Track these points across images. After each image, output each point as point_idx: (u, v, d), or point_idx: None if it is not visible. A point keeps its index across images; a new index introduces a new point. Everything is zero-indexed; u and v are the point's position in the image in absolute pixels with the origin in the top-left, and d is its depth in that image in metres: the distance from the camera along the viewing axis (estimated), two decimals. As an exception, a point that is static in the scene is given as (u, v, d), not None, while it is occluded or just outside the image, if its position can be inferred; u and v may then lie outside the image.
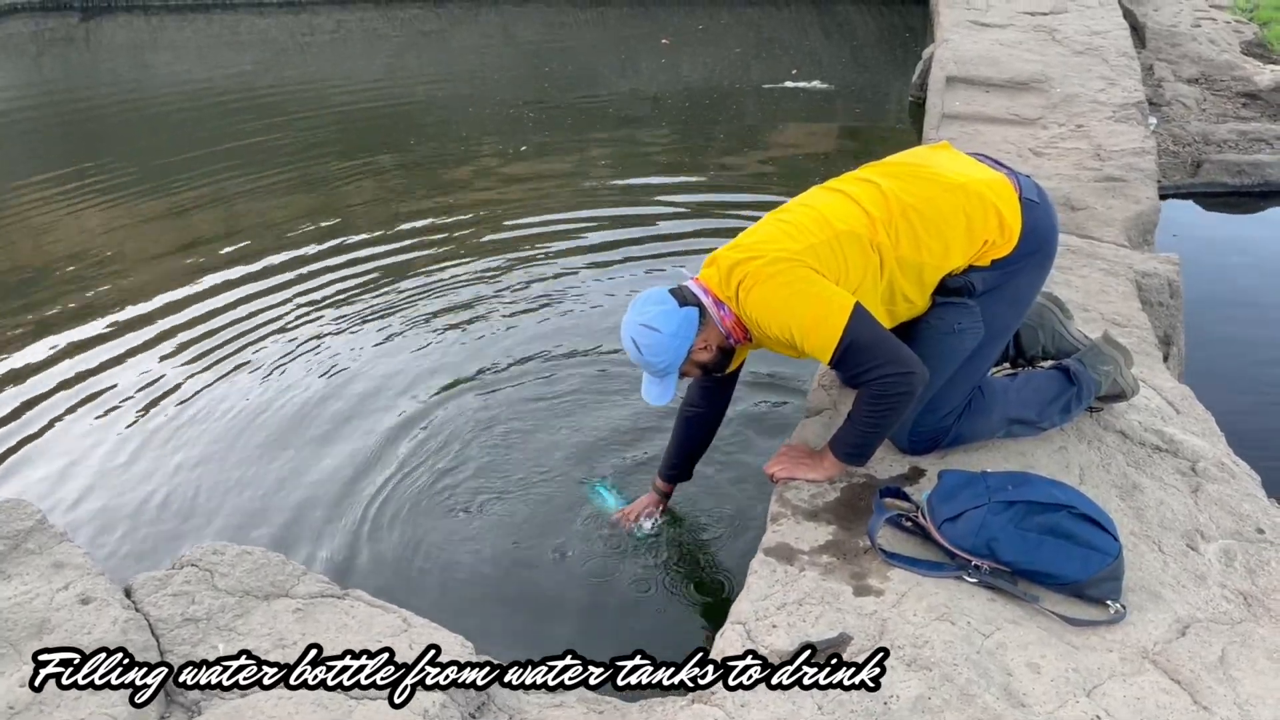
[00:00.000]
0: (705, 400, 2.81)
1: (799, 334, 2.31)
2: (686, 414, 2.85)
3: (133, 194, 6.22)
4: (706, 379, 2.69)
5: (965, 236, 2.36)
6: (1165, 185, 5.20)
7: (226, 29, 10.94)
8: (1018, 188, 2.43)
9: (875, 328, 2.30)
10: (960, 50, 6.14)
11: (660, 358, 2.42)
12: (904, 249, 2.35)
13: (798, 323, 2.30)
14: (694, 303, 2.43)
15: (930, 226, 2.35)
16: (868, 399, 2.36)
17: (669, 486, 3.03)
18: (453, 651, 2.02)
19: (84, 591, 2.10)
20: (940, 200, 2.37)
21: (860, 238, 2.34)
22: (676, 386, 2.53)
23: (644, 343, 2.41)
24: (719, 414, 2.85)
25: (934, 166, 2.45)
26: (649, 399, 2.53)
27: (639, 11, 11.17)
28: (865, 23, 10.75)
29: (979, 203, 2.37)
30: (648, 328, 2.40)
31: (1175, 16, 7.69)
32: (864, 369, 2.30)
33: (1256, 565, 2.22)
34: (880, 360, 2.28)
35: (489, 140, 7.16)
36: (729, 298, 2.41)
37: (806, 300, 2.29)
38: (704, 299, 2.44)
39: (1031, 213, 2.42)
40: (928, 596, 2.12)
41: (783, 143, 7.06)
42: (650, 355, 2.42)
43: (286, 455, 3.61)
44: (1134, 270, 3.57)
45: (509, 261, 5.06)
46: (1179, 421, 2.74)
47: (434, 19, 11.09)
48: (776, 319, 2.33)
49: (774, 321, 2.34)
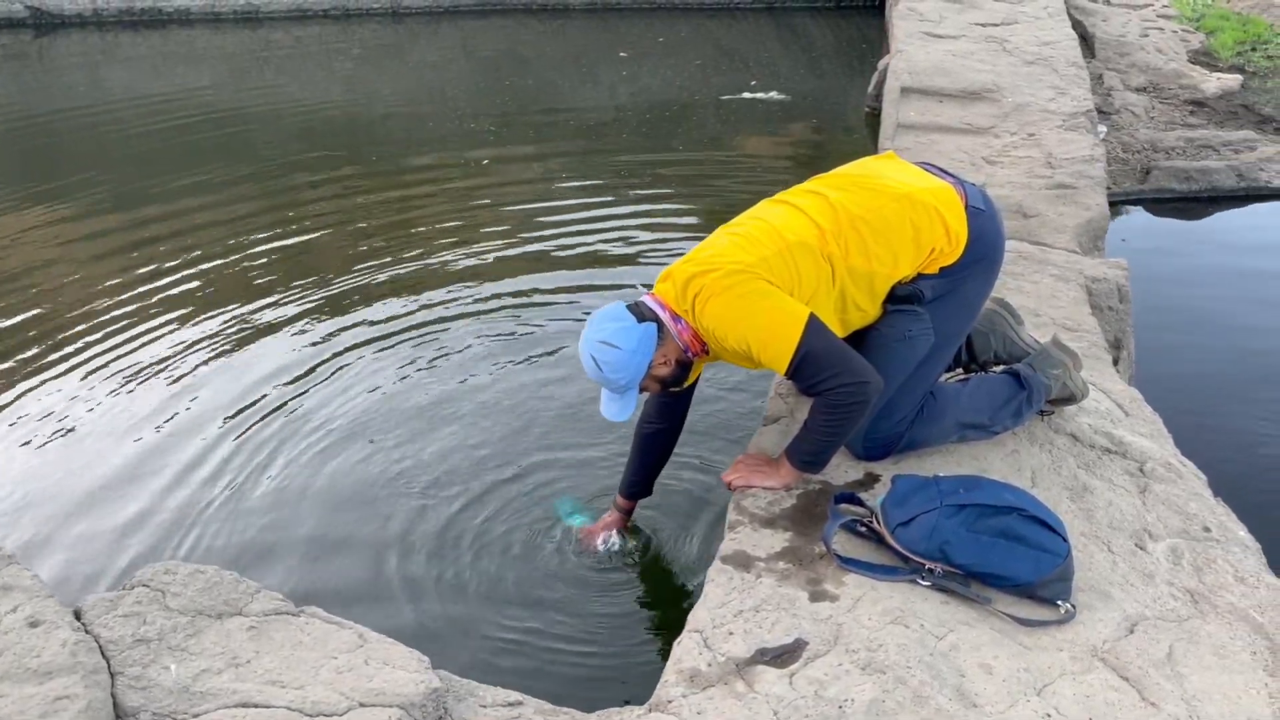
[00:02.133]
0: (663, 416, 2.82)
1: (755, 345, 2.33)
2: (645, 430, 2.86)
3: (87, 210, 6.14)
4: (664, 394, 2.71)
5: (913, 245, 2.39)
6: (1115, 192, 5.30)
7: (182, 44, 10.84)
8: (963, 196, 2.47)
9: (830, 338, 2.33)
10: (914, 61, 6.22)
11: (621, 374, 2.42)
12: (854, 259, 2.38)
13: (754, 334, 2.33)
14: (651, 318, 2.44)
15: (878, 236, 2.38)
16: (824, 408, 2.38)
17: (630, 504, 3.03)
18: (409, 667, 2.01)
19: (33, 614, 2.07)
20: (887, 210, 2.40)
21: (811, 248, 2.37)
22: (636, 402, 2.54)
23: (604, 360, 2.41)
24: (677, 428, 2.87)
25: (880, 177, 2.49)
26: (608, 415, 2.52)
27: (598, 24, 11.21)
28: (822, 34, 10.86)
29: (925, 211, 2.41)
30: (607, 345, 2.40)
31: (1123, 26, 7.84)
32: (820, 379, 2.33)
33: (1203, 563, 2.27)
34: (836, 370, 2.31)
35: (449, 154, 7.14)
36: (685, 311, 2.43)
37: (762, 312, 2.31)
38: (661, 314, 2.45)
39: (977, 220, 2.46)
40: (882, 600, 2.14)
41: (742, 153, 7.10)
42: (611, 372, 2.42)
43: (239, 474, 3.58)
44: (1084, 276, 3.63)
45: (470, 276, 5.06)
46: (1128, 424, 2.79)
47: (392, 34, 11.06)
48: (733, 331, 2.35)
49: (731, 333, 2.36)
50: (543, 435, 3.69)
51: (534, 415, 3.81)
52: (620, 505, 3.03)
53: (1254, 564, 2.27)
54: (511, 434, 3.70)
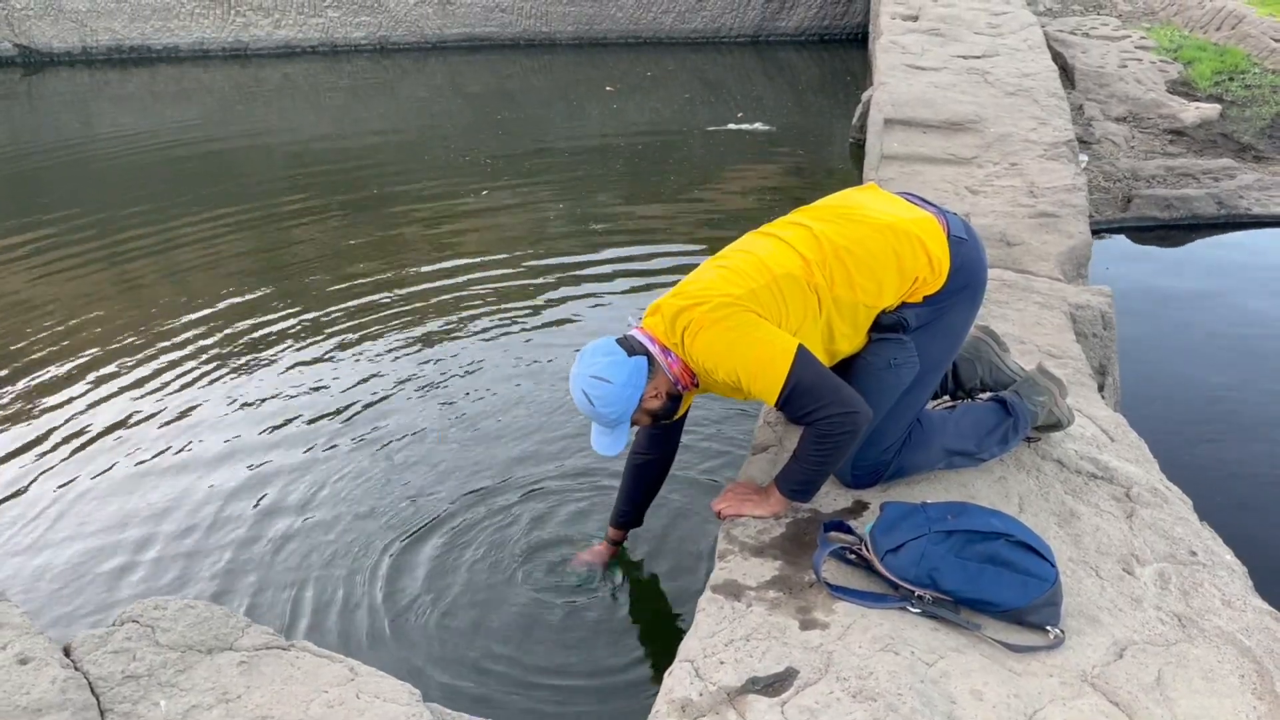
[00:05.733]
0: (654, 446, 2.83)
1: (745, 377, 2.35)
2: (636, 461, 2.87)
3: (77, 247, 6.15)
4: (654, 426, 2.72)
5: (897, 274, 2.42)
6: (1097, 220, 5.36)
7: (171, 81, 10.90)
8: (945, 225, 2.50)
9: (819, 369, 2.35)
10: (897, 93, 6.30)
11: (612, 408, 2.43)
12: (839, 289, 2.41)
13: (744, 366, 2.34)
14: (641, 351, 2.45)
15: (862, 266, 2.41)
16: (813, 438, 2.40)
17: (621, 534, 3.04)
18: (400, 699, 2.01)
19: (22, 651, 2.06)
20: (870, 241, 2.43)
21: (798, 280, 2.40)
22: (628, 436, 2.54)
23: (595, 394, 2.41)
24: (668, 459, 2.88)
25: (863, 208, 2.52)
26: (600, 450, 2.53)
27: (585, 59, 11.33)
28: (807, 67, 10.99)
29: (908, 241, 2.44)
30: (599, 379, 2.41)
31: (1103, 58, 7.96)
32: (809, 410, 2.35)
33: (1190, 587, 2.28)
34: (825, 401, 2.32)
35: (439, 189, 7.18)
36: (675, 344, 2.44)
37: (751, 344, 2.33)
38: (651, 347, 2.46)
39: (960, 249, 2.49)
40: (872, 628, 2.15)
41: (728, 184, 7.17)
42: (602, 406, 2.43)
43: (228, 509, 3.57)
44: (1068, 303, 3.67)
45: (459, 310, 5.08)
46: (1114, 449, 2.81)
47: (381, 70, 11.15)
48: (723, 363, 2.37)
49: (721, 365, 2.37)
50: (536, 465, 3.69)
51: (527, 445, 3.82)
52: (611, 536, 3.04)
53: (1240, 587, 2.28)
54: (503, 464, 3.71)
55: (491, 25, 11.64)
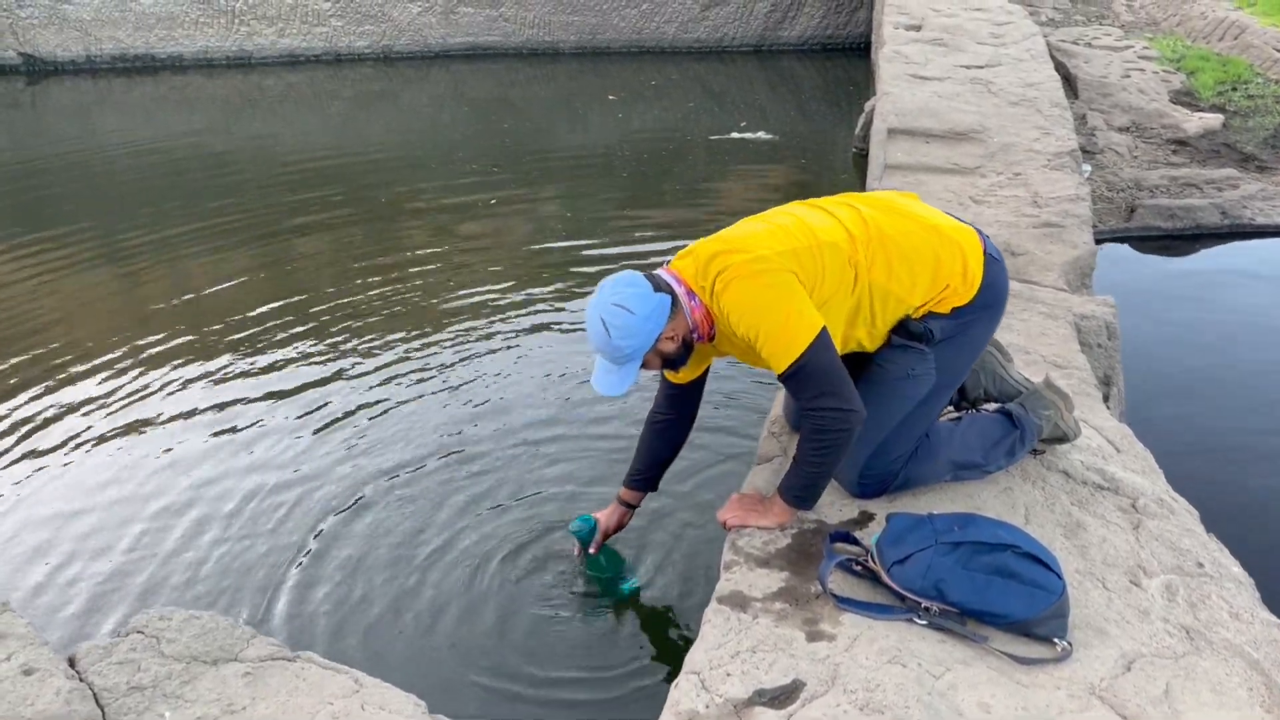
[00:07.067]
0: (674, 408, 2.78)
1: (764, 338, 2.32)
2: (655, 420, 2.81)
3: (81, 255, 6.16)
4: (673, 387, 2.67)
5: (931, 275, 2.44)
6: (1101, 230, 5.36)
7: (174, 90, 10.93)
8: (983, 243, 2.54)
9: (833, 357, 2.34)
10: (900, 102, 6.30)
11: (629, 341, 2.35)
12: (877, 272, 2.41)
13: (766, 328, 2.31)
14: (666, 290, 2.39)
15: (903, 258, 2.42)
16: (808, 435, 2.40)
17: (634, 495, 2.94)
18: (405, 711, 2.00)
19: (26, 662, 2.06)
20: (915, 236, 2.45)
21: (841, 251, 2.39)
22: (634, 378, 2.44)
23: (614, 323, 2.33)
24: (687, 423, 2.82)
25: (910, 207, 2.55)
26: (601, 390, 2.42)
27: (588, 68, 11.35)
28: (810, 76, 11.01)
29: (949, 247, 2.46)
30: (621, 308, 2.33)
31: (1106, 68, 7.97)
32: (810, 394, 2.34)
33: (1198, 599, 2.27)
34: (827, 390, 2.32)
35: (443, 197, 7.19)
36: (703, 288, 2.39)
37: (780, 308, 2.30)
38: (677, 288, 2.40)
39: (991, 268, 2.52)
40: (879, 640, 2.14)
41: (731, 193, 7.18)
42: (619, 338, 2.34)
43: (234, 519, 3.57)
44: (1073, 313, 3.66)
45: (466, 318, 5.08)
46: (1119, 460, 2.81)
47: (384, 79, 11.17)
48: (746, 318, 2.33)
49: (743, 320, 2.33)
50: (545, 478, 3.68)
51: (537, 455, 3.81)
52: (623, 497, 2.94)
53: (1248, 599, 2.27)
54: (512, 476, 3.70)
55: (494, 34, 11.67)
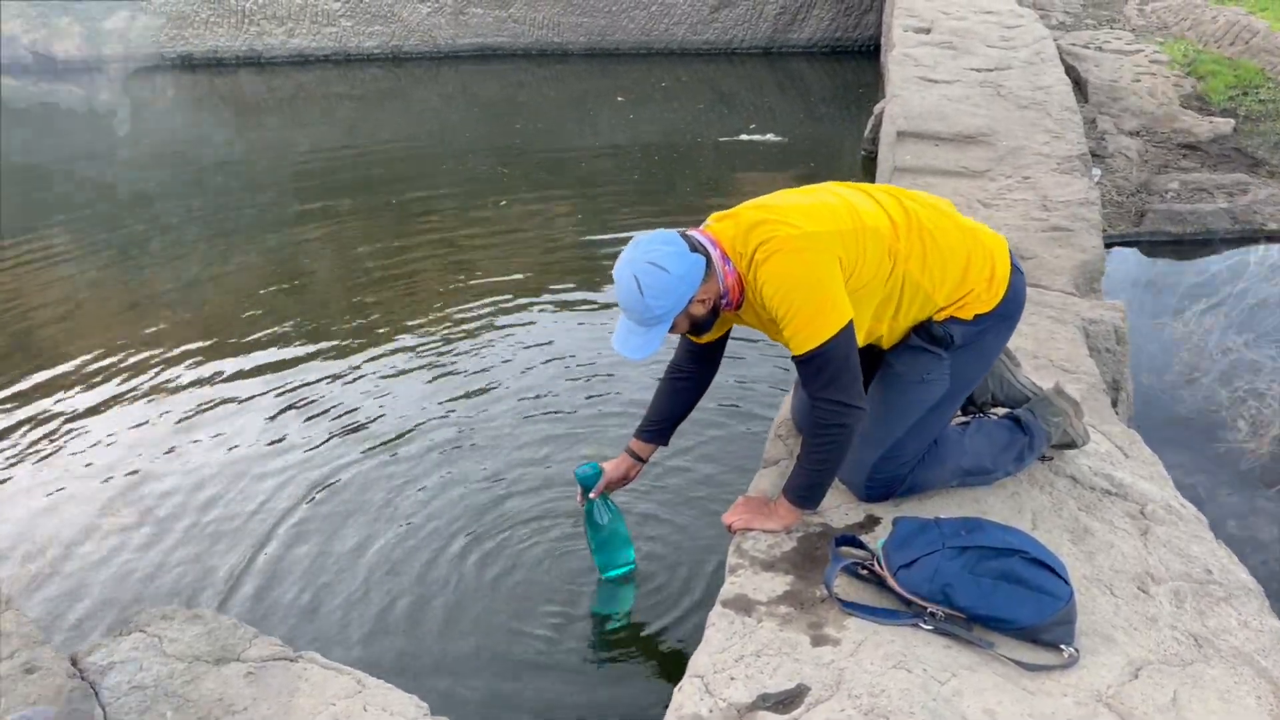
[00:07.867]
0: (694, 364, 2.73)
1: (790, 316, 2.29)
2: (673, 377, 2.76)
3: (89, 255, 6.17)
4: (694, 344, 2.64)
5: (960, 276, 2.44)
6: (1110, 234, 5.34)
7: (183, 89, 10.96)
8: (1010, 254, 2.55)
9: (852, 351, 2.33)
10: (909, 105, 6.29)
11: (662, 301, 2.27)
12: (913, 264, 2.41)
13: (796, 307, 2.29)
14: (701, 252, 2.34)
15: (938, 254, 2.42)
16: (810, 431, 2.40)
17: (645, 447, 2.86)
18: (408, 712, 2.00)
19: (29, 661, 2.06)
20: (952, 235, 2.46)
21: (883, 239, 2.38)
22: (661, 341, 2.35)
23: (648, 282, 2.26)
24: (705, 382, 2.77)
25: (949, 209, 2.56)
26: (625, 353, 2.34)
27: (596, 69, 11.35)
28: (819, 79, 10.99)
29: (981, 251, 2.47)
30: (656, 266, 2.26)
31: (1116, 71, 7.94)
32: (820, 383, 2.33)
33: (1206, 607, 2.25)
34: (838, 383, 2.31)
35: (453, 197, 7.20)
36: (740, 254, 2.35)
37: (818, 292, 2.28)
38: (712, 251, 2.35)
39: (1015, 279, 2.53)
40: (884, 645, 2.13)
41: (741, 194, 7.10)
42: (651, 297, 2.26)
43: (236, 517, 3.56)
44: (1081, 318, 3.64)
45: (475, 319, 5.07)
46: (1128, 465, 2.79)
47: (394, 79, 11.18)
48: (780, 292, 2.29)
49: (777, 294, 2.30)
50: (555, 482, 3.67)
51: (549, 459, 3.80)
52: (633, 448, 2.86)
53: (1256, 607, 2.26)
54: (521, 481, 3.69)
55: (504, 35, 11.67)
